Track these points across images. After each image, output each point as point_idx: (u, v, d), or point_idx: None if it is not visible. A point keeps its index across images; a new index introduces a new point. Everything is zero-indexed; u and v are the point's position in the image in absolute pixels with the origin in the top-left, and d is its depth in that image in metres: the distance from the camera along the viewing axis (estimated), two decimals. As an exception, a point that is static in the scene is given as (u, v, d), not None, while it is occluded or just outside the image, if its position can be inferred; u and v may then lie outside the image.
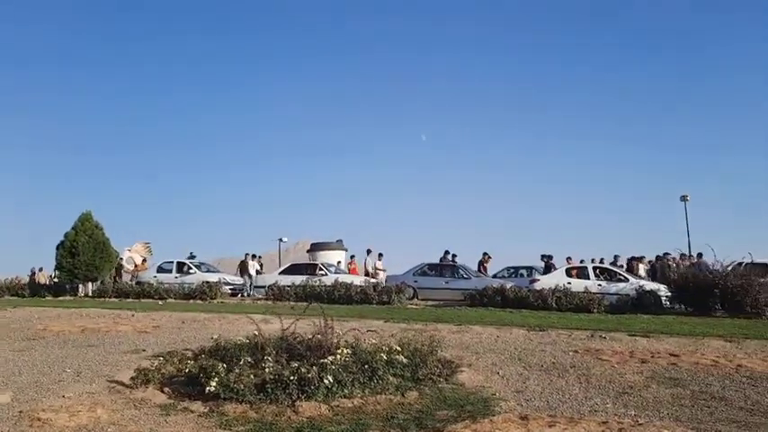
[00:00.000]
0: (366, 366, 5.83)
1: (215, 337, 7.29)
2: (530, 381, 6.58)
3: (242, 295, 21.52)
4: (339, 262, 23.65)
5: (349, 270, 22.31)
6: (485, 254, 21.29)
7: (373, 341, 7.14)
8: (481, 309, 15.34)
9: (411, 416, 5.04)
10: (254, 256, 23.15)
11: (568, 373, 7.02)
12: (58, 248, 22.80)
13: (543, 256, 20.92)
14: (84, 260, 21.99)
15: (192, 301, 19.18)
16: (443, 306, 16.55)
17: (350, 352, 6.02)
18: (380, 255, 22.72)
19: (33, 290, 23.83)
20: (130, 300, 19.97)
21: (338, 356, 5.77)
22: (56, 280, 24.56)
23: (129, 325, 12.26)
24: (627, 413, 5.19)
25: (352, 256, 24.14)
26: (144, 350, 9.05)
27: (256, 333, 6.61)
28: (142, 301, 19.41)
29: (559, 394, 5.94)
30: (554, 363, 7.66)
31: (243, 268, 22.50)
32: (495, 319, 12.58)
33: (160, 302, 18.36)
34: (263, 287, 20.63)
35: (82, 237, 22.23)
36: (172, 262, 23.27)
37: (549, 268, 19.67)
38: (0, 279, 25.73)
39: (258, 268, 23.14)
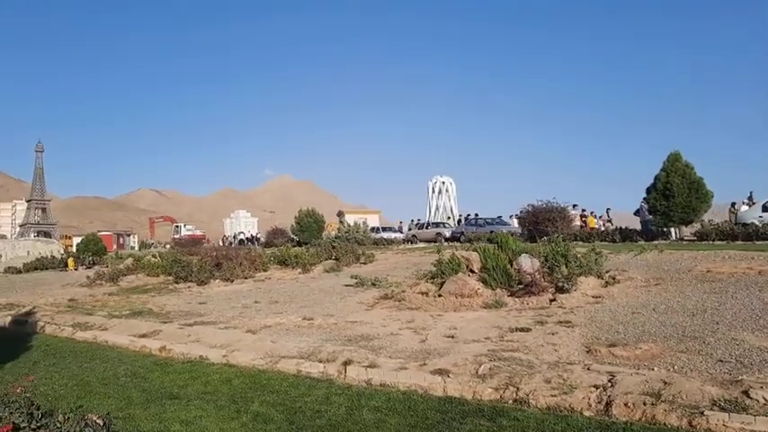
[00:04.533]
0: None
1: None
2: None
3: None
4: None
5: None
6: None
7: None
8: None
9: None
10: None
11: None
12: (649, 191, 23.71)
13: None
14: (678, 202, 22.18)
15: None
16: None
17: None
18: None
19: (623, 234, 25.48)
20: (740, 242, 19.08)
21: None
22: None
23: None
24: None
25: None
26: None
27: None
28: (758, 243, 18.26)
29: None
30: None
31: None
32: None
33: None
34: None
35: (675, 178, 22.43)
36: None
37: None
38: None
39: None
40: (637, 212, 28.62)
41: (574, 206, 30.94)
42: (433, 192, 58.39)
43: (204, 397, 6.44)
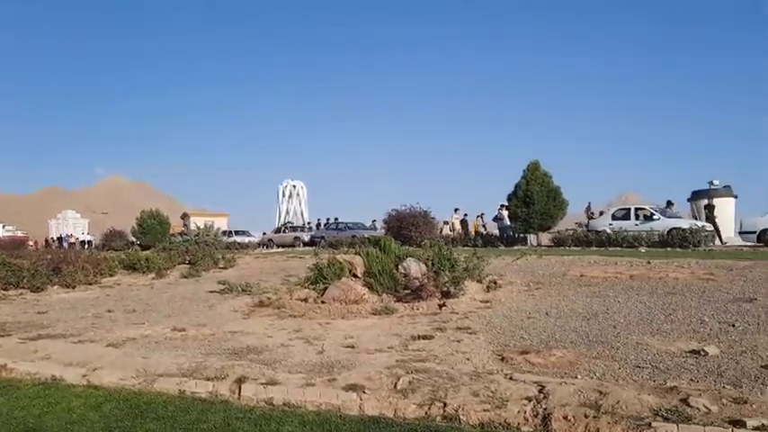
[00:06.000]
0: None
1: None
2: None
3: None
4: None
5: None
6: None
7: None
8: None
9: None
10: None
11: None
12: (510, 198, 24.72)
13: None
14: (538, 209, 23.32)
15: (668, 248, 18.64)
16: None
17: None
18: None
19: (485, 239, 26.39)
20: (594, 248, 20.41)
21: None
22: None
23: (676, 273, 12.17)
24: None
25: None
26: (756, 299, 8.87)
27: None
28: (610, 249, 19.61)
29: None
30: None
31: (710, 211, 21.49)
32: None
33: (642, 250, 18.27)
34: (753, 232, 19.22)
35: (534, 186, 23.56)
36: (628, 209, 23.11)
37: None
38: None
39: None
40: (495, 219, 29.79)
41: (456, 210, 31.72)
42: (284, 196, 57.44)
43: (71, 429, 5.27)
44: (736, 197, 24.92)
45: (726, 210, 24.18)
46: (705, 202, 23.80)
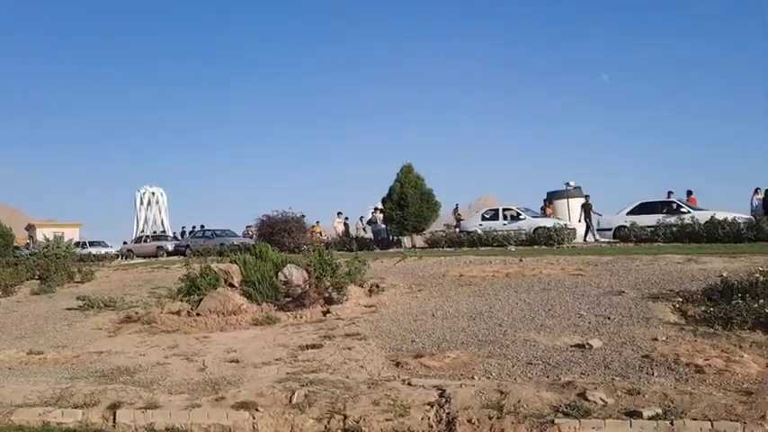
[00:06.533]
0: None
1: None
2: None
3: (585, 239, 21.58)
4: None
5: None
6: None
7: None
8: None
9: None
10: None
11: None
12: (384, 201, 24.89)
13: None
14: (412, 212, 23.65)
15: (535, 246, 19.56)
16: None
17: None
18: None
19: (360, 243, 26.39)
20: (466, 248, 21.01)
21: None
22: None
23: (548, 269, 12.71)
24: None
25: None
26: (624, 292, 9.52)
27: None
28: (482, 249, 20.26)
29: None
30: None
31: (586, 210, 22.77)
32: None
33: (512, 249, 19.02)
34: (609, 229, 20.50)
35: (408, 189, 23.88)
36: (496, 210, 24.02)
37: None
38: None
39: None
40: (369, 222, 29.90)
41: (339, 213, 31.36)
42: (142, 203, 54.37)
43: None
44: (586, 197, 26.65)
45: (576, 209, 25.89)
46: (582, 201, 25.21)
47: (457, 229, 27.84)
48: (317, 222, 32.64)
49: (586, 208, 24.08)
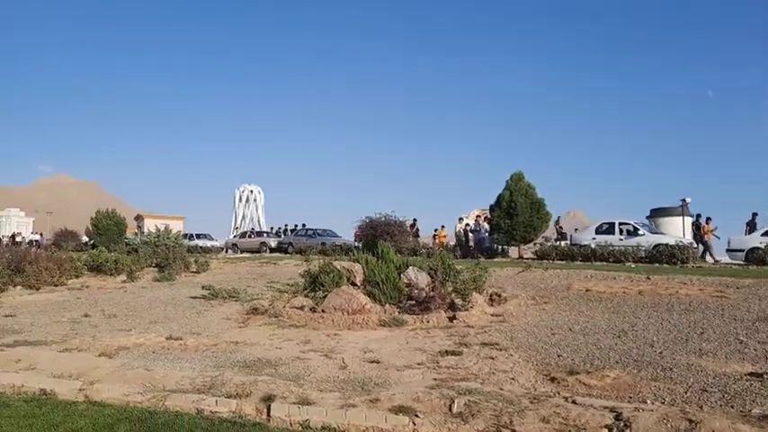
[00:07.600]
0: None
1: None
2: None
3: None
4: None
5: None
6: None
7: None
8: None
9: None
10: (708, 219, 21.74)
11: None
12: (492, 208, 24.41)
13: None
14: (521, 221, 23.05)
15: (656, 264, 18.53)
16: None
17: None
18: None
19: (464, 251, 26.00)
20: (579, 262, 20.20)
21: None
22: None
23: (685, 289, 11.94)
24: None
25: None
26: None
27: None
28: (597, 263, 19.41)
29: None
30: None
31: (699, 229, 21.40)
32: None
33: (632, 265, 18.11)
34: (741, 250, 19.12)
35: (518, 197, 23.29)
36: (612, 223, 23.00)
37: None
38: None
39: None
40: (474, 230, 29.49)
41: (460, 219, 31.40)
42: (240, 201, 56.20)
43: (85, 458, 4.52)
44: (698, 216, 25.06)
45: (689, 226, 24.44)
46: (692, 220, 23.92)
47: (560, 242, 26.95)
48: (443, 227, 32.61)
49: (698, 227, 22.72)
